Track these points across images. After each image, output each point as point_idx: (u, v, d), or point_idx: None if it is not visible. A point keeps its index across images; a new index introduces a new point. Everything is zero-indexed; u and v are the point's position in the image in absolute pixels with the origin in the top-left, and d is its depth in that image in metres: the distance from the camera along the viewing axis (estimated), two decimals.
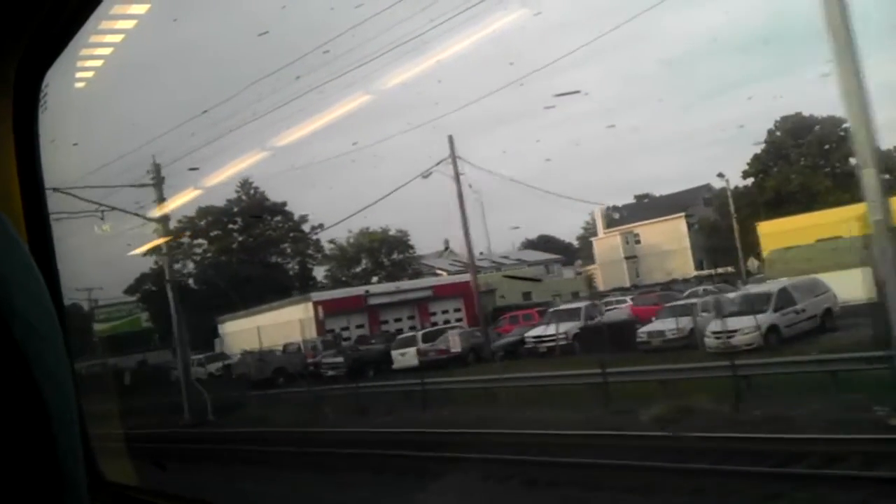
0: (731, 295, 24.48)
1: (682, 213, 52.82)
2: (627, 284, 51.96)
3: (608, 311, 26.69)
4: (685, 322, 21.25)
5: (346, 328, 37.35)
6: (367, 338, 36.62)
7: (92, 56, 3.68)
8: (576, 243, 73.24)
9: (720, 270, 49.43)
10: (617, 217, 57.23)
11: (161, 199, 24.04)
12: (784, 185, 47.98)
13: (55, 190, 22.44)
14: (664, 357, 19.54)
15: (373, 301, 38.00)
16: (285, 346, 34.81)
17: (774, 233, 29.86)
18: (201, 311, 52.00)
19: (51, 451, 0.79)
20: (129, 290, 56.70)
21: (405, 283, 40.54)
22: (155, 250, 54.35)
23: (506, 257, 59.22)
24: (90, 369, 42.02)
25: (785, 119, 51.60)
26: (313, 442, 16.82)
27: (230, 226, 62.58)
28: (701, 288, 31.65)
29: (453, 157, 26.04)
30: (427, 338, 28.58)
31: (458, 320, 39.96)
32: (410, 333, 29.92)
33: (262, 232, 61.56)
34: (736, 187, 51.60)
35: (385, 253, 46.56)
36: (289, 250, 60.45)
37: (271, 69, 32.39)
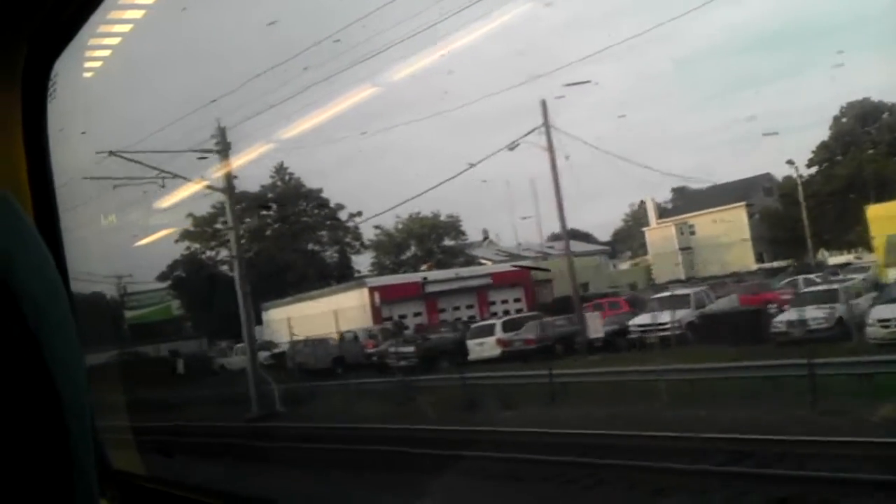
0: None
1: (743, 203, 49.67)
2: (683, 277, 49.34)
3: (719, 300, 23.71)
4: (840, 310, 18.28)
5: (404, 316, 34.52)
6: (426, 327, 33.92)
7: (101, 46, 3.54)
8: (607, 237, 70.23)
9: (782, 263, 46.49)
10: (670, 207, 54.21)
11: (227, 167, 21.17)
12: (858, 173, 44.76)
13: (112, 153, 19.51)
14: (811, 350, 16.66)
15: (430, 288, 35.14)
16: (341, 335, 32.03)
17: (888, 217, 26.75)
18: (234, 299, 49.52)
19: (63, 440, 0.77)
20: (162, 277, 54.44)
21: (464, 270, 37.67)
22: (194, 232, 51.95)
23: (551, 247, 56.54)
24: (130, 357, 39.57)
25: (852, 105, 48.55)
26: (429, 443, 13.91)
27: (263, 212, 60.53)
28: (800, 277, 28.63)
29: (546, 125, 23.03)
30: (509, 326, 25.68)
31: (519, 310, 37.22)
32: (489, 321, 26.98)
33: (298, 219, 59.44)
34: (800, 177, 48.52)
35: (434, 239, 43.70)
36: (325, 238, 58.01)
37: (280, 59, 29.58)
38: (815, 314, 18.74)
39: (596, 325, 22.13)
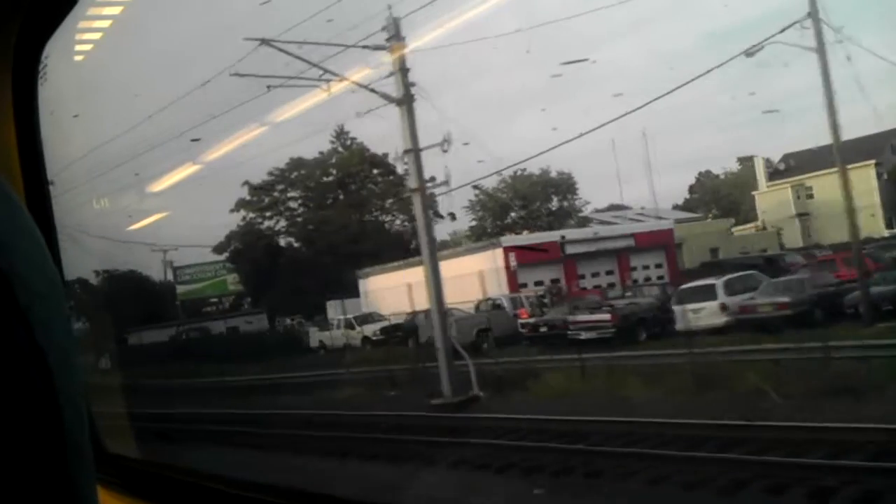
0: None
1: (872, 161, 43.40)
2: (800, 244, 43.74)
3: None
4: None
5: (540, 282, 28.61)
6: (566, 294, 28.14)
7: (91, 28, 3.48)
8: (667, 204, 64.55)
9: None
10: (783, 167, 48.05)
11: (403, 68, 15.10)
12: None
13: (263, 41, 13.50)
14: None
15: (569, 250, 29.15)
16: (478, 304, 26.16)
17: None
18: (304, 271, 44.25)
19: (57, 421, 0.75)
20: (219, 249, 49.12)
21: (603, 229, 31.77)
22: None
23: (641, 214, 50.99)
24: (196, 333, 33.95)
25: None
26: None
27: (324, 179, 55.37)
28: None
29: (815, 16, 16.72)
30: (733, 287, 19.67)
31: (660, 277, 31.38)
32: (703, 282, 20.87)
33: (363, 186, 54.23)
34: None
35: (543, 199, 37.78)
36: (395, 207, 52.54)
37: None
38: None
39: None
